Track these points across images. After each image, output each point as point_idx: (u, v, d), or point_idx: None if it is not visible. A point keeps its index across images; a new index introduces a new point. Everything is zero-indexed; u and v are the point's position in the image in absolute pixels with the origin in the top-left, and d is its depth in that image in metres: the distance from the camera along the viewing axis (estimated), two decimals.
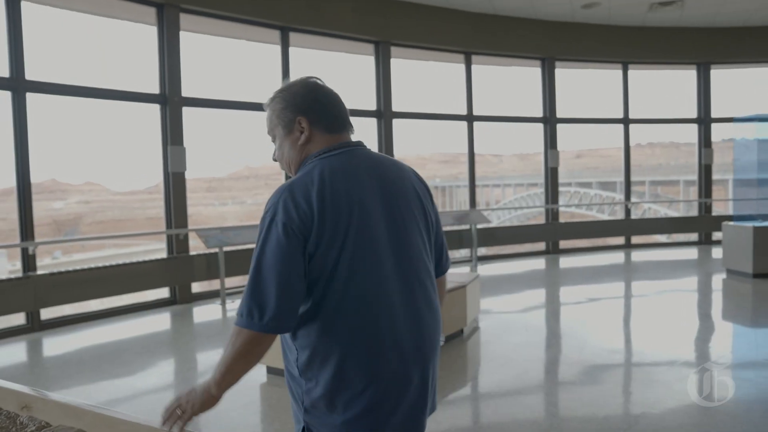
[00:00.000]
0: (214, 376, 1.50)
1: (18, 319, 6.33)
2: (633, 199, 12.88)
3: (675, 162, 24.06)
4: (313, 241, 1.46)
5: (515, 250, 11.31)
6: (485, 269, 9.68)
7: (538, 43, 10.73)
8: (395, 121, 9.61)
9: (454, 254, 10.84)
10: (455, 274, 6.15)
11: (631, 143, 11.82)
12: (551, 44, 10.81)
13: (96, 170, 5.57)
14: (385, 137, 9.48)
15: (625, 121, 11.69)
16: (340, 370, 1.47)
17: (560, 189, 11.69)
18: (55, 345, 5.98)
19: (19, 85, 6.11)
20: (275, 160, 1.71)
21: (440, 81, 11.20)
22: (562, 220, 11.58)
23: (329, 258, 1.47)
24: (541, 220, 11.66)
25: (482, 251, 11.03)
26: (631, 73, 11.62)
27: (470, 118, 10.53)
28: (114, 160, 6.00)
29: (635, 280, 9.06)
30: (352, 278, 1.48)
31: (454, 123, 10.67)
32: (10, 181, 6.16)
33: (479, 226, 10.28)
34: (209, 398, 1.52)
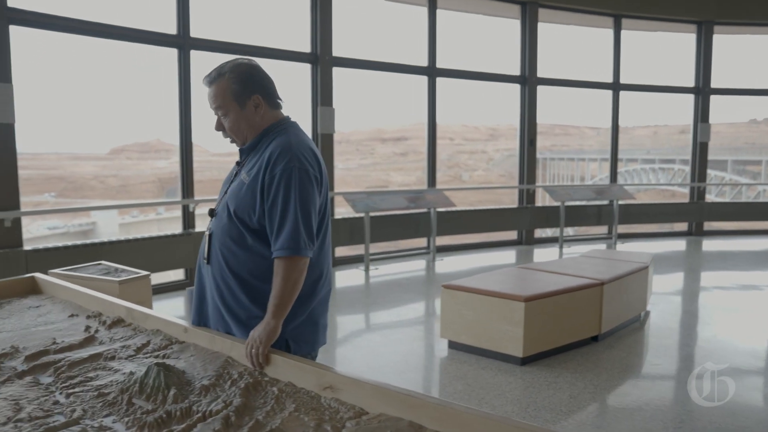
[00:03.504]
0: (271, 310, 1.82)
1: (177, 274, 6.47)
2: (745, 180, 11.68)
3: None
4: (318, 189, 1.90)
5: (650, 229, 10.58)
6: (624, 248, 9.07)
7: (698, 3, 9.78)
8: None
9: (590, 230, 10.29)
10: (609, 251, 5.71)
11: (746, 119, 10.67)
12: (711, 5, 9.82)
13: (196, 132, 5.66)
14: (529, 104, 8.98)
15: None
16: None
17: (664, 166, 10.80)
18: None
19: (185, 42, 6.11)
20: (218, 130, 1.99)
21: (583, 47, 10.48)
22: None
23: (321, 206, 1.94)
24: (652, 198, 10.80)
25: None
26: None
27: (616, 87, 9.81)
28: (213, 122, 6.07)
29: None
30: (324, 219, 1.96)
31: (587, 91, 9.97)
32: (126, 138, 6.26)
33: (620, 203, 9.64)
34: (272, 330, 1.81)
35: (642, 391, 3.74)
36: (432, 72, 8.30)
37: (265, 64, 2.02)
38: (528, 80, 8.97)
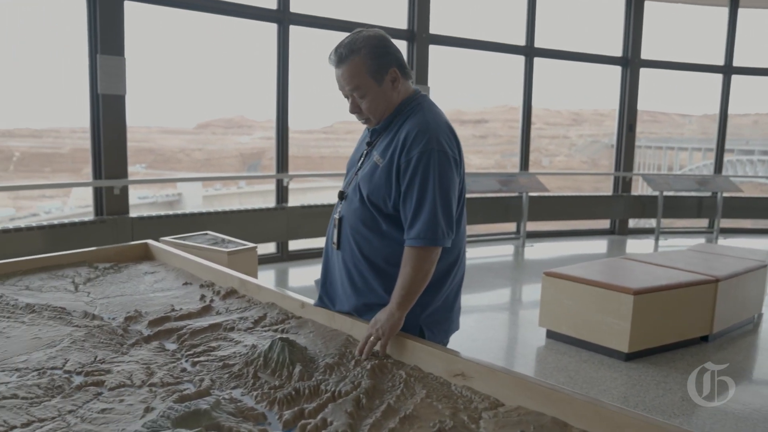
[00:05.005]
0: (397, 301, 1.71)
1: (268, 248, 6.57)
2: None
3: None
4: (457, 172, 1.77)
5: (747, 225, 9.85)
6: (726, 244, 8.49)
7: None
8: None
9: (690, 223, 9.71)
10: (720, 246, 5.32)
11: None
12: None
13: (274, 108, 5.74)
14: (630, 87, 8.51)
15: None
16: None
17: (764, 158, 9.99)
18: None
19: (284, 17, 6.13)
20: (353, 113, 1.82)
21: (690, 27, 9.81)
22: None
23: (459, 189, 1.81)
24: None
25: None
26: None
27: (728, 70, 9.12)
28: (298, 99, 5.98)
29: None
30: (461, 201, 1.83)
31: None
32: (212, 114, 6.33)
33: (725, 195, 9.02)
34: (396, 322, 1.70)
35: (753, 398, 3.46)
36: (530, 52, 7.99)
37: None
38: (630, 62, 8.49)
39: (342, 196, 1.90)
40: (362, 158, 1.88)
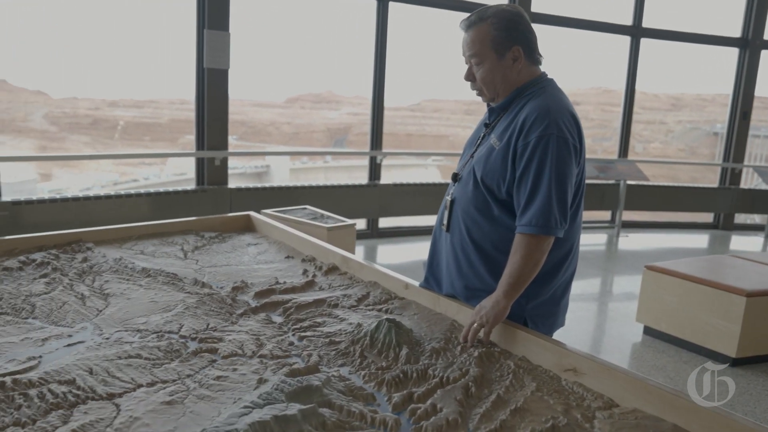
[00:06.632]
0: (504, 289, 1.65)
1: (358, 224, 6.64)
2: None
3: None
4: (576, 160, 1.69)
5: None
6: None
7: None
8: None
9: None
10: None
11: None
12: None
13: (366, 85, 5.63)
14: (747, 71, 7.91)
15: None
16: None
17: None
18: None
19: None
20: (468, 80, 1.79)
21: None
22: None
23: (577, 178, 1.73)
24: None
25: None
26: None
27: None
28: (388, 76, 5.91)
29: None
30: (579, 191, 1.76)
31: None
32: (301, 89, 6.30)
33: None
34: (501, 310, 1.65)
35: None
36: (637, 32, 7.57)
37: None
38: (750, 43, 7.87)
39: (456, 178, 1.86)
40: (479, 140, 1.84)
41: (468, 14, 1.76)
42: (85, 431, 1.19)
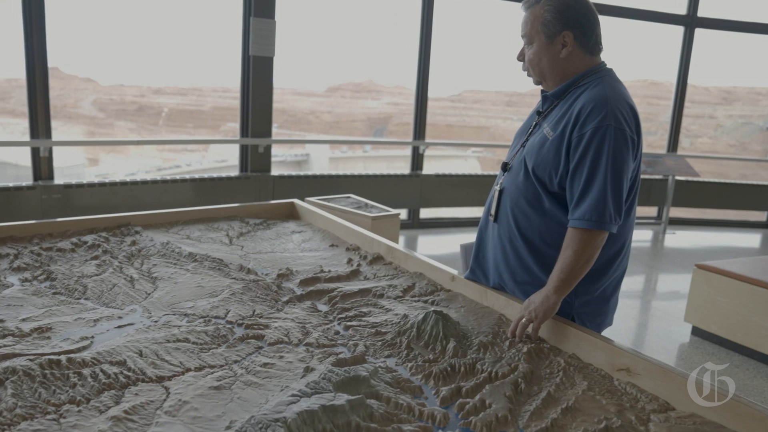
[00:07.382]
0: (554, 284, 1.60)
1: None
2: None
3: None
4: (633, 153, 1.63)
5: None
6: None
7: None
8: None
9: None
10: None
11: None
12: None
13: (406, 75, 5.55)
14: None
15: None
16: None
17: None
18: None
19: None
20: (519, 60, 1.76)
21: None
22: None
23: (633, 172, 1.67)
24: None
25: None
26: None
27: None
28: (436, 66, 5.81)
29: None
30: (634, 187, 1.69)
31: None
32: (341, 78, 6.26)
33: None
34: (551, 306, 1.60)
35: None
36: (691, 21, 7.31)
37: None
38: None
39: (505, 167, 1.81)
40: (531, 128, 1.78)
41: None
42: (136, 412, 1.20)
